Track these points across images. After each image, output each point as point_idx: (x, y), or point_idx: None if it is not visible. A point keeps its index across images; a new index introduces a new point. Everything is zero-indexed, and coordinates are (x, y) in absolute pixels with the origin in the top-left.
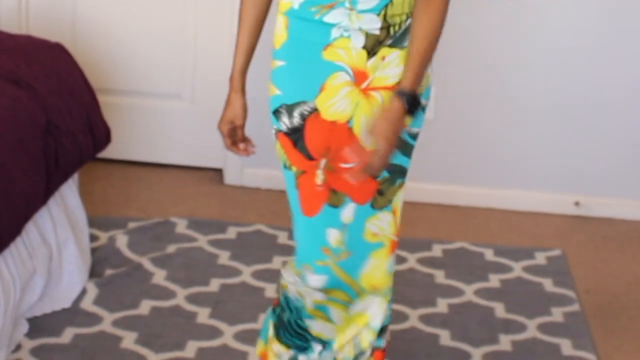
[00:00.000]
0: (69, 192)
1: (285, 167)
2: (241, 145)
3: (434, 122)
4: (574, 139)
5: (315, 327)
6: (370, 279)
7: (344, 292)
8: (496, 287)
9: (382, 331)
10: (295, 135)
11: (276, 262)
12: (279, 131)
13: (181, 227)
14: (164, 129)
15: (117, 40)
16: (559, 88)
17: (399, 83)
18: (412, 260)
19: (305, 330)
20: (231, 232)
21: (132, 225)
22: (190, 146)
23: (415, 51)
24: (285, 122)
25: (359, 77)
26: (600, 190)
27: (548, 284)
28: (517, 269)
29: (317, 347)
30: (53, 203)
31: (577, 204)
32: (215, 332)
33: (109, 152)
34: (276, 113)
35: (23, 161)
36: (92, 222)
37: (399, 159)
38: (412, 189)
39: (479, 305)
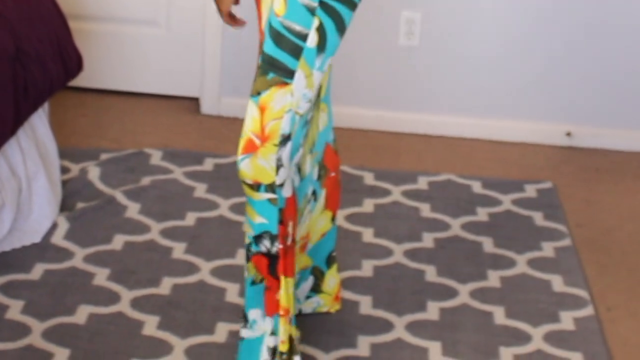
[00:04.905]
0: (39, 123)
1: None
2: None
3: (418, 49)
4: (565, 66)
5: None
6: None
7: None
8: (484, 220)
9: (259, 237)
10: None
11: None
12: None
13: (156, 158)
14: (138, 56)
15: None
16: (549, 14)
17: None
18: (396, 193)
19: None
20: (208, 164)
21: (104, 156)
22: (165, 74)
23: None
24: None
25: None
26: (592, 120)
27: (538, 218)
28: (506, 202)
29: None
30: (22, 134)
31: (568, 134)
32: (191, 268)
33: (80, 81)
34: None
35: None
36: (63, 154)
37: (270, 49)
38: (396, 119)
39: (466, 240)
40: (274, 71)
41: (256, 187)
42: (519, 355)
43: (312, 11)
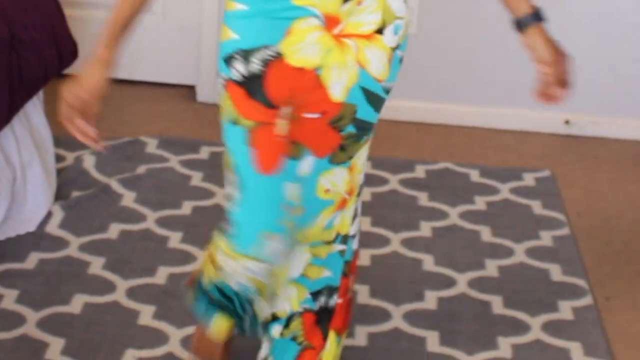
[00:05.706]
0: (34, 111)
1: (231, 123)
2: (91, 131)
3: (416, 37)
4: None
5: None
6: (309, 235)
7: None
8: (482, 209)
9: (317, 293)
10: (252, 84)
11: None
12: (229, 80)
13: (152, 146)
14: (134, 44)
15: None
16: (548, 1)
17: (525, 10)
18: (393, 182)
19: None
20: (204, 152)
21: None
22: (161, 62)
23: None
24: (239, 70)
25: (329, 22)
26: (591, 108)
27: (537, 207)
28: (504, 191)
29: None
30: (17, 122)
31: (567, 122)
32: (188, 257)
33: (76, 68)
34: (228, 60)
35: None
36: (58, 142)
37: (369, 115)
38: (394, 107)
39: (464, 229)
40: (367, 134)
41: (334, 239)
42: (517, 345)
43: (400, 62)
